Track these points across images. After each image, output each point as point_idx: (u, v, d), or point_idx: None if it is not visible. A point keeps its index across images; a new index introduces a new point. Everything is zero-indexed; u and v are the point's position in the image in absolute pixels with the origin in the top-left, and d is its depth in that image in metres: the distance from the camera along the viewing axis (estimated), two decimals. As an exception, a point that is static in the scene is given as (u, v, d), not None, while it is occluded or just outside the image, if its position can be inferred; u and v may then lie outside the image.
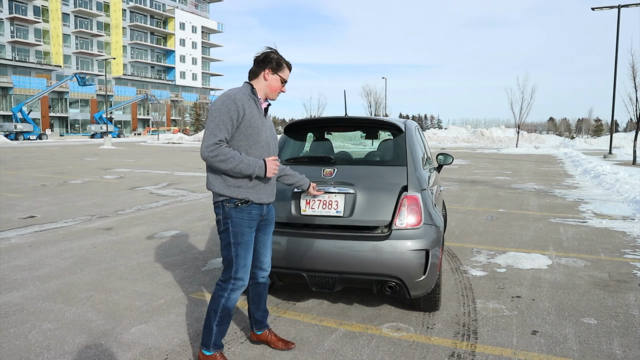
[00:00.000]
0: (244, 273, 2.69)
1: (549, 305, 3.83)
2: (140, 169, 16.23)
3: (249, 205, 2.66)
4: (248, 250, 2.69)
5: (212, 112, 2.59)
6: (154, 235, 6.25)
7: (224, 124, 2.54)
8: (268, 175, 2.65)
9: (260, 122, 2.69)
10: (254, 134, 2.65)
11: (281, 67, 2.77)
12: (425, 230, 3.28)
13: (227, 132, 2.55)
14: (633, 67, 20.11)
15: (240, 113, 2.59)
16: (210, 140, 2.51)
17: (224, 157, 2.50)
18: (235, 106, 2.57)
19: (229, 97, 2.60)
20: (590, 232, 6.55)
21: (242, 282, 2.70)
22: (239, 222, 2.64)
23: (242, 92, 2.67)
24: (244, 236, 2.65)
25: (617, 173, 13.62)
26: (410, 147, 3.73)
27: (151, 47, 76.99)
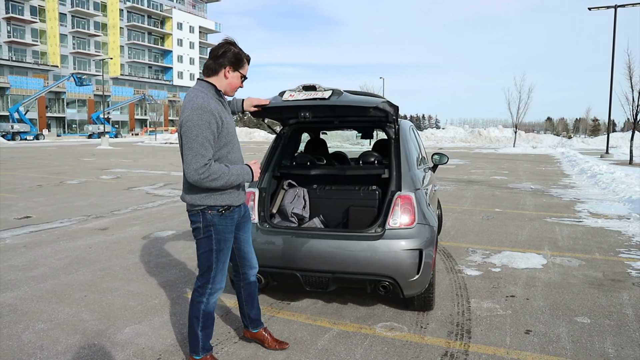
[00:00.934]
0: (222, 277, 2.66)
1: (542, 304, 3.84)
2: (137, 169, 16.21)
3: (232, 211, 2.63)
4: (227, 255, 2.67)
5: (191, 129, 2.39)
6: (150, 236, 6.24)
7: (207, 140, 2.40)
8: (255, 180, 2.64)
9: (233, 124, 2.64)
10: (231, 139, 2.59)
11: (241, 63, 2.60)
12: (418, 229, 3.29)
13: (212, 148, 2.45)
14: (630, 67, 20.17)
15: (219, 124, 2.48)
16: (199, 162, 2.38)
17: (215, 175, 2.42)
18: (214, 118, 2.44)
19: (204, 110, 2.41)
20: (586, 232, 6.57)
21: (220, 286, 2.67)
22: (223, 229, 2.58)
23: (209, 96, 2.50)
24: (227, 242, 2.62)
25: (613, 172, 13.65)
26: (404, 146, 3.73)
27: (148, 47, 76.84)
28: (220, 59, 2.55)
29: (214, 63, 2.56)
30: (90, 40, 69.19)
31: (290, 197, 3.76)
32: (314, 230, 3.45)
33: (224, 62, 2.55)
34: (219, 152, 2.53)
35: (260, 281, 3.48)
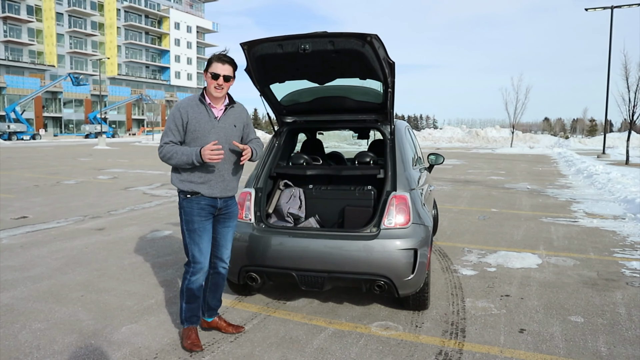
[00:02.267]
0: (200, 256, 2.96)
1: (537, 303, 3.87)
2: (134, 169, 16.19)
3: (198, 197, 2.94)
4: (201, 237, 2.96)
5: (167, 119, 2.99)
6: (147, 236, 6.25)
7: (169, 129, 2.92)
8: (206, 160, 2.82)
9: (208, 125, 2.93)
10: (200, 137, 2.91)
11: (210, 64, 2.94)
12: (413, 229, 3.31)
13: (172, 136, 2.91)
14: (626, 67, 20.28)
15: (184, 119, 2.90)
16: (160, 144, 2.94)
17: (169, 154, 2.88)
18: (179, 114, 2.91)
19: (176, 106, 2.97)
20: (581, 232, 6.61)
21: (200, 265, 2.97)
22: (189, 212, 2.93)
23: (190, 99, 2.99)
24: (194, 224, 2.93)
25: (609, 173, 13.72)
26: (400, 146, 3.75)
27: (146, 46, 76.72)
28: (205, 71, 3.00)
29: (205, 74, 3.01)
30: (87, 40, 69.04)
31: (287, 197, 3.78)
32: (310, 230, 3.47)
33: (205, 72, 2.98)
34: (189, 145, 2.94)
35: (256, 281, 3.50)
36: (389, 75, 3.31)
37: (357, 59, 3.19)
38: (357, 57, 3.16)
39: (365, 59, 3.14)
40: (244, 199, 3.60)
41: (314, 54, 3.14)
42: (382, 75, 3.29)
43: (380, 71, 3.25)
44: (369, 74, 3.38)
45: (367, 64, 3.20)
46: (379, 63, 3.16)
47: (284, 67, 3.42)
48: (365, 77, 3.48)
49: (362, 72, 3.39)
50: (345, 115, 3.96)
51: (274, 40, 3.13)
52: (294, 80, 3.62)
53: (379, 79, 3.38)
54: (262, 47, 3.20)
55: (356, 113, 3.92)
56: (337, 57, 3.19)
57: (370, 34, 2.96)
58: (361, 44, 3.03)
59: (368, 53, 3.07)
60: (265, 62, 3.35)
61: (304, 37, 3.07)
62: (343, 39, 3.02)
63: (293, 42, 3.08)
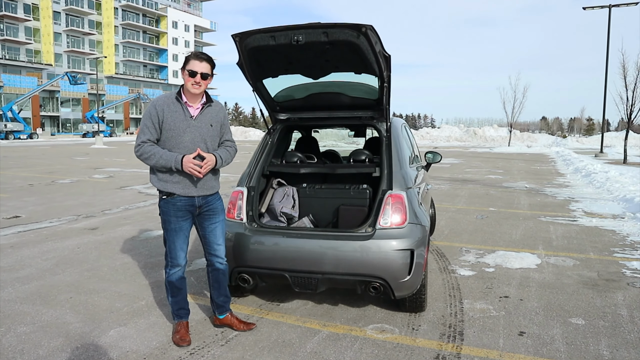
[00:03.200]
0: (176, 255, 3.00)
1: (536, 305, 3.78)
2: (131, 168, 16.08)
3: (174, 198, 2.93)
4: (177, 236, 2.98)
5: (143, 117, 2.95)
6: (140, 236, 6.15)
7: (146, 127, 2.88)
8: (185, 170, 2.85)
9: (183, 124, 2.89)
10: (175, 135, 2.89)
11: (187, 61, 2.90)
12: (410, 229, 3.22)
13: (150, 134, 2.87)
14: (624, 66, 20.23)
15: (160, 117, 2.87)
16: (137, 142, 2.87)
17: (147, 154, 2.84)
18: (155, 111, 2.88)
19: (152, 103, 2.93)
20: (580, 231, 6.53)
21: (176, 262, 3.01)
22: (166, 212, 2.95)
23: (166, 96, 2.95)
24: (170, 224, 2.96)
25: (607, 172, 13.65)
26: (396, 144, 3.66)
27: (143, 45, 76.48)
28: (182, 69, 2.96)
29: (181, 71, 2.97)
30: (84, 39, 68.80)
31: (280, 196, 3.68)
32: (303, 230, 3.38)
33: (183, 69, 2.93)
34: (163, 144, 2.92)
35: (248, 282, 3.41)
36: (385, 69, 3.21)
37: (352, 51, 3.09)
38: (351, 49, 3.06)
39: (360, 51, 3.04)
40: (236, 198, 3.50)
41: (308, 46, 3.04)
42: (378, 69, 3.19)
43: (375, 64, 3.15)
44: (364, 67, 3.29)
45: (362, 57, 3.10)
46: (374, 56, 3.06)
47: (277, 60, 3.32)
48: (360, 72, 3.39)
49: (357, 65, 3.30)
50: (340, 112, 3.87)
51: (267, 32, 3.03)
52: (288, 74, 3.53)
53: (374, 73, 3.28)
54: (254, 38, 3.10)
55: (351, 110, 3.82)
56: (331, 49, 3.09)
57: (365, 25, 2.87)
58: (356, 35, 2.93)
59: (363, 45, 2.97)
60: (257, 55, 3.25)
61: (296, 28, 2.97)
62: (337, 30, 2.93)
63: (286, 33, 2.99)
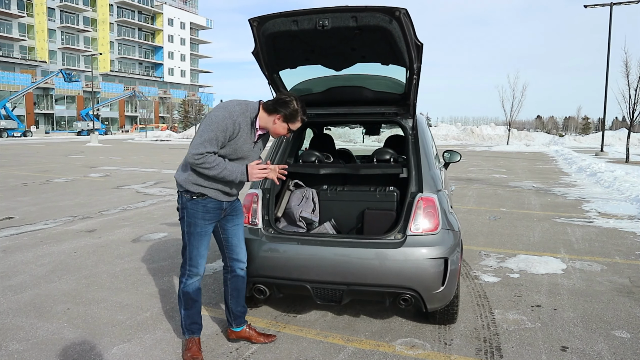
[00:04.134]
0: (197, 262, 2.77)
1: (573, 315, 3.51)
2: (127, 167, 15.72)
3: (205, 199, 2.71)
4: (201, 241, 2.75)
5: (209, 123, 2.57)
6: (140, 238, 5.84)
7: (216, 139, 2.56)
8: (251, 180, 2.72)
9: (246, 147, 2.71)
10: (237, 158, 2.69)
11: (294, 120, 2.71)
12: (443, 235, 2.94)
13: (217, 147, 2.60)
14: (626, 64, 20.03)
15: (235, 134, 2.63)
16: (198, 150, 2.54)
17: (209, 165, 2.57)
18: (232, 127, 2.59)
19: (230, 116, 2.58)
20: (599, 233, 6.28)
21: (196, 270, 2.78)
22: (193, 214, 2.70)
23: (246, 112, 2.66)
24: (197, 227, 2.72)
25: (614, 171, 13.44)
26: (423, 142, 3.38)
27: (139, 43, 75.83)
28: (279, 106, 2.67)
29: (273, 105, 2.69)
30: (79, 36, 68.10)
31: (298, 199, 3.39)
32: (326, 236, 3.09)
33: (279, 110, 2.67)
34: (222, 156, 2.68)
35: (264, 293, 3.11)
36: (416, 59, 2.92)
37: (382, 39, 2.79)
38: (381, 37, 2.76)
39: (391, 39, 2.74)
40: (250, 201, 3.21)
41: (333, 32, 2.74)
42: (408, 59, 2.89)
43: (406, 54, 2.85)
44: (393, 57, 2.99)
45: (393, 45, 2.80)
46: (405, 44, 2.77)
47: (298, 48, 3.01)
48: (388, 62, 3.09)
49: (385, 55, 3.00)
50: (361, 108, 3.57)
51: (288, 15, 2.73)
52: (308, 65, 3.22)
53: (404, 63, 2.98)
54: (274, 23, 2.79)
55: (374, 105, 3.53)
56: (359, 36, 2.78)
57: (399, 8, 2.58)
58: (388, 20, 2.63)
59: (395, 31, 2.67)
60: (276, 43, 2.94)
61: (322, 12, 2.67)
62: (367, 14, 2.62)
63: (310, 17, 2.69)
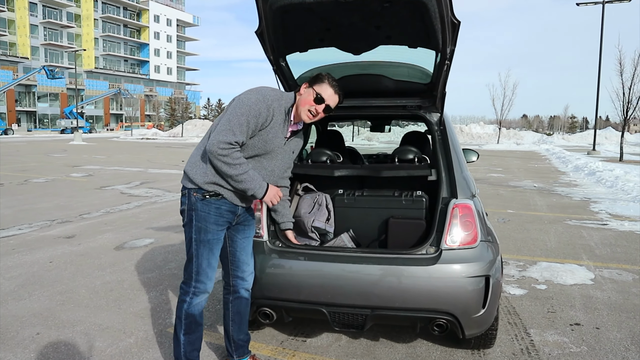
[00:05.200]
0: (206, 277, 2.34)
1: (619, 336, 3.10)
2: (112, 166, 15.07)
3: (219, 199, 2.28)
4: (212, 252, 2.32)
5: (240, 106, 2.20)
6: (124, 245, 5.31)
7: (247, 126, 2.19)
8: (265, 200, 2.32)
9: (278, 143, 2.34)
10: (263, 152, 2.32)
11: (319, 82, 2.34)
12: (482, 249, 2.49)
13: (246, 136, 2.21)
14: (620, 63, 19.90)
15: (268, 121, 2.26)
16: (226, 137, 2.14)
17: (233, 161, 2.17)
18: (267, 112, 2.24)
19: (264, 100, 2.24)
20: (617, 237, 5.91)
21: (204, 287, 2.36)
22: (205, 217, 2.27)
23: (282, 99, 2.32)
24: (208, 233, 2.29)
25: (612, 170, 13.20)
26: (453, 141, 2.93)
27: (124, 39, 74.37)
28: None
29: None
30: (62, 32, 66.53)
31: (308, 206, 2.90)
32: (345, 250, 2.62)
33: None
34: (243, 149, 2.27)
35: (270, 317, 2.64)
36: (450, 42, 2.45)
37: (414, 15, 2.32)
38: (414, 12, 2.29)
39: (425, 15, 2.27)
40: (254, 208, 2.72)
41: (358, 5, 2.26)
42: (442, 40, 2.43)
43: (440, 34, 2.39)
44: (423, 38, 2.52)
45: (427, 23, 2.33)
46: (441, 22, 2.30)
47: (312, 26, 2.52)
48: (416, 45, 2.62)
49: (415, 35, 2.53)
50: (378, 100, 3.10)
51: None
52: (321, 47, 2.74)
53: (436, 46, 2.51)
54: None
55: (394, 97, 3.06)
56: (387, 10, 2.30)
57: None
58: None
59: (431, 5, 2.20)
60: (286, 19, 2.45)
61: None
62: None
63: None
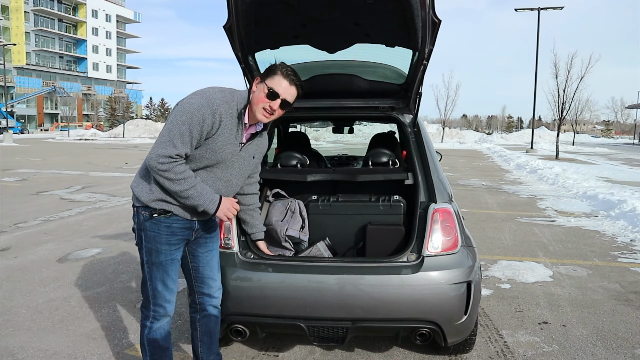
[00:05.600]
0: (163, 300, 2.13)
1: (585, 332, 3.16)
2: (48, 169, 14.08)
3: (169, 217, 2.06)
4: (167, 273, 2.10)
5: (181, 113, 1.95)
6: (68, 257, 4.88)
7: (190, 135, 1.94)
8: (218, 215, 2.08)
9: (229, 150, 2.06)
10: (214, 162, 2.05)
11: (271, 74, 2.06)
12: (463, 254, 2.44)
13: (190, 147, 1.96)
14: (556, 66, 21.08)
15: (215, 129, 1.99)
16: (166, 150, 1.92)
17: (175, 176, 1.95)
18: (212, 118, 1.97)
19: (209, 104, 1.97)
20: (567, 233, 6.16)
21: (164, 310, 2.15)
22: (154, 237, 2.06)
23: (230, 102, 2.04)
24: (160, 255, 2.07)
25: (552, 168, 13.91)
26: (428, 143, 2.86)
27: (59, 35, 70.15)
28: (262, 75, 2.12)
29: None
30: (-12, 25, 61.83)
31: (280, 213, 2.73)
32: (322, 260, 2.48)
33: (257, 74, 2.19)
34: (191, 161, 2.03)
35: (243, 334, 2.45)
36: (429, 41, 2.38)
37: (396, 12, 2.21)
38: (395, 9, 2.19)
39: (407, 13, 2.16)
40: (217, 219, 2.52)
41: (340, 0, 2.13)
42: (422, 39, 2.34)
43: (420, 32, 2.30)
44: (402, 37, 2.42)
45: (408, 21, 2.23)
46: (422, 20, 2.22)
47: (287, 22, 2.36)
48: (394, 44, 2.53)
49: (393, 34, 2.43)
50: (349, 101, 2.99)
51: None
52: (294, 44, 2.58)
53: (415, 45, 2.42)
54: None
55: (366, 98, 2.96)
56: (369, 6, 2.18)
57: None
58: None
59: (414, 2, 2.11)
60: (259, 13, 2.27)
61: None
62: None
63: None
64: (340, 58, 2.74)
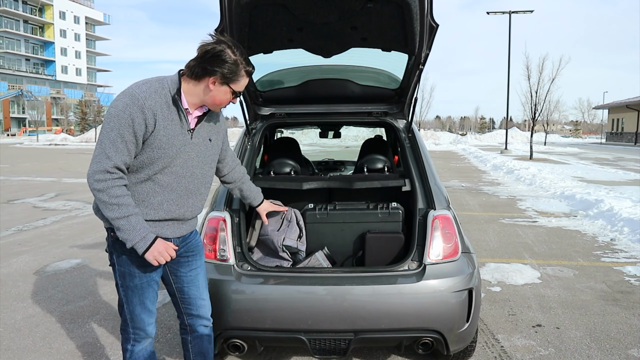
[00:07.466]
0: (142, 323, 2.00)
1: (579, 334, 3.18)
2: (18, 176, 13.57)
3: None
4: (144, 295, 1.96)
5: (109, 119, 1.78)
6: (46, 269, 4.68)
7: (122, 141, 1.76)
8: (147, 258, 1.83)
9: (179, 141, 1.87)
10: (163, 158, 1.84)
11: (236, 76, 1.86)
12: (464, 261, 2.42)
13: (127, 155, 1.78)
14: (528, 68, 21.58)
15: (149, 126, 1.79)
16: (100, 165, 1.75)
17: (109, 199, 1.75)
18: (142, 116, 1.77)
19: (134, 102, 1.77)
20: (549, 233, 6.26)
21: (145, 333, 2.03)
22: (127, 260, 1.91)
23: (157, 91, 1.82)
24: (134, 278, 1.93)
25: (528, 168, 14.19)
26: (423, 148, 2.84)
27: (25, 36, 68.06)
28: (209, 64, 1.82)
29: (200, 66, 1.83)
30: (-52, 26, 59.51)
31: (276, 222, 2.65)
32: (322, 271, 2.42)
33: (212, 71, 1.83)
34: (143, 169, 1.85)
35: (241, 349, 2.37)
36: (427, 46, 2.35)
37: (394, 16, 2.17)
38: (394, 12, 2.15)
39: (406, 16, 2.13)
40: (216, 228, 2.43)
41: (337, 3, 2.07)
42: (419, 44, 2.31)
43: (417, 37, 2.27)
44: (399, 41, 2.39)
45: (406, 25, 2.19)
46: (420, 24, 2.18)
47: (282, 25, 2.29)
48: (391, 48, 2.49)
49: (391, 38, 2.39)
50: (342, 106, 2.94)
51: None
52: (288, 48, 2.51)
53: (412, 50, 2.39)
54: None
55: (359, 103, 2.91)
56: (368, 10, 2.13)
57: None
58: None
59: (414, 6, 2.07)
60: (254, 15, 2.20)
61: None
62: None
63: None
64: (333, 63, 2.69)
